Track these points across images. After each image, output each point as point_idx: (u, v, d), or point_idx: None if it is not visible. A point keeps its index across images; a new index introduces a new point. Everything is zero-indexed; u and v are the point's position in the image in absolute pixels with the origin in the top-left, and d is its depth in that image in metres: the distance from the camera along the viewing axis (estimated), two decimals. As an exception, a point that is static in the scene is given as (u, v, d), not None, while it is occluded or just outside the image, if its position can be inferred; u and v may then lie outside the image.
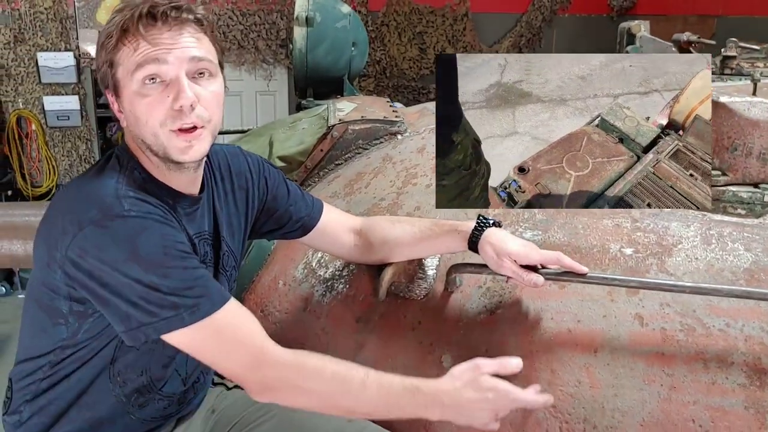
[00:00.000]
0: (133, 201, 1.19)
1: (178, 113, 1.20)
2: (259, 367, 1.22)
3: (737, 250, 1.45)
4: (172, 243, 1.18)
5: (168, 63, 1.19)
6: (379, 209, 1.83)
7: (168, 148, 1.23)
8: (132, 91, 1.20)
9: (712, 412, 1.29)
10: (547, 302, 1.46)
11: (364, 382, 1.23)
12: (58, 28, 6.12)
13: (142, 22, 1.17)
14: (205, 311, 1.18)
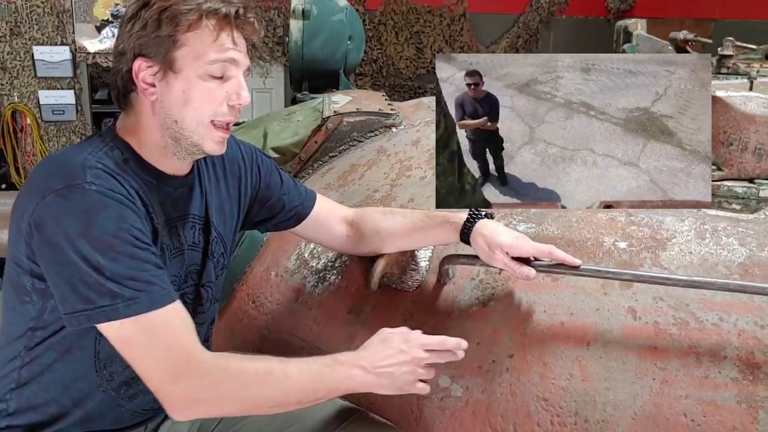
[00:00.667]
0: (98, 173, 1.17)
1: (230, 109, 1.25)
2: (183, 376, 1.18)
3: (731, 245, 1.45)
4: (128, 227, 1.16)
5: (238, 65, 1.24)
6: (373, 201, 1.82)
7: (204, 139, 1.26)
8: (198, 74, 1.22)
9: (704, 406, 1.28)
10: (539, 295, 1.45)
11: (285, 369, 1.22)
12: (54, 21, 6.10)
13: (238, 20, 1.22)
14: (142, 306, 1.15)
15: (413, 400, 1.46)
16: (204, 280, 1.41)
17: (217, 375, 1.20)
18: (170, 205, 1.32)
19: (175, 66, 1.21)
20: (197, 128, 1.24)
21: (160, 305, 1.17)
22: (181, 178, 1.34)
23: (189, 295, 1.40)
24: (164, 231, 1.30)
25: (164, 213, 1.30)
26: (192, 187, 1.38)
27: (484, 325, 1.46)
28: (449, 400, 1.43)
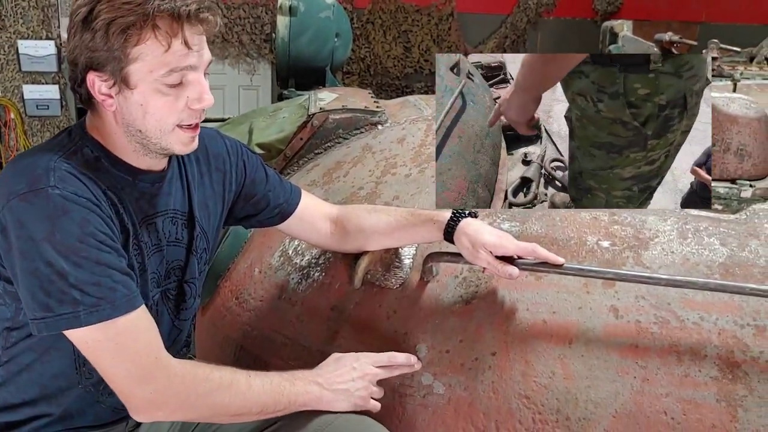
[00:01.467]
0: (63, 176, 1.15)
1: (194, 112, 1.22)
2: (150, 380, 1.18)
3: (713, 245, 1.46)
4: (92, 231, 1.14)
5: (197, 69, 1.20)
6: (358, 198, 1.82)
7: (173, 143, 1.24)
8: (152, 88, 1.17)
9: (684, 404, 1.29)
10: (522, 293, 1.46)
11: (248, 381, 1.26)
12: (39, 16, 6.05)
13: (187, 22, 1.15)
14: (104, 314, 1.14)
15: (396, 397, 1.46)
16: (187, 276, 1.41)
17: (183, 380, 1.21)
18: (147, 201, 1.30)
19: (130, 82, 1.17)
20: (162, 135, 1.21)
21: (123, 312, 1.16)
22: (157, 173, 1.32)
23: (172, 291, 1.39)
24: (140, 228, 1.29)
25: (140, 209, 1.29)
26: (172, 181, 1.36)
27: (467, 322, 1.46)
28: (432, 397, 1.43)
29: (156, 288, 1.35)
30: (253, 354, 1.70)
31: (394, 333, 1.51)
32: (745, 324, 1.34)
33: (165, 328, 1.39)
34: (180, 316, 1.42)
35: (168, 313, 1.40)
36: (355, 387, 1.35)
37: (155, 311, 1.36)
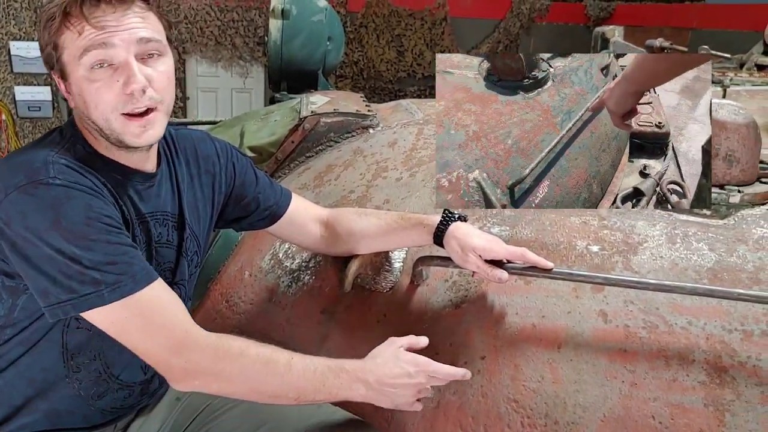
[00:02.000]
0: (61, 168, 1.15)
1: (129, 97, 1.17)
2: (183, 350, 1.18)
3: (701, 250, 1.46)
4: (97, 215, 1.14)
5: (115, 47, 1.15)
6: (349, 202, 1.82)
7: (122, 133, 1.20)
8: (80, 76, 1.17)
9: (672, 409, 1.30)
10: (512, 297, 1.46)
11: (289, 363, 1.22)
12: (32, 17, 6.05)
13: (85, 5, 1.13)
14: (127, 289, 1.14)
15: (385, 401, 1.46)
16: (177, 278, 1.40)
17: (216, 353, 1.19)
18: (140, 200, 1.30)
19: (66, 72, 1.19)
20: (109, 125, 1.20)
21: (145, 284, 1.16)
22: (147, 173, 1.32)
23: None
24: (136, 226, 1.29)
25: (135, 208, 1.29)
26: (162, 183, 1.36)
27: (456, 326, 1.46)
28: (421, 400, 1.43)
29: None
30: (242, 357, 1.70)
31: (384, 336, 1.50)
32: (733, 329, 1.34)
33: None
34: None
35: None
36: (403, 393, 1.28)
37: None
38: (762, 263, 1.42)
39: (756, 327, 1.34)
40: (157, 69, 1.20)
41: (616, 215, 1.57)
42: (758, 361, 1.30)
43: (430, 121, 2.14)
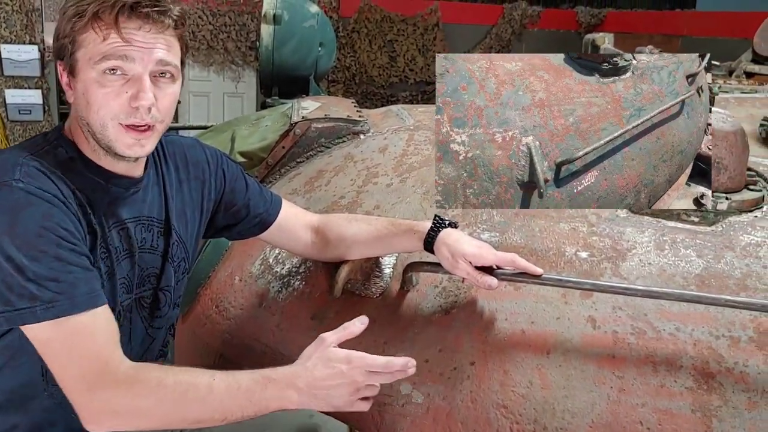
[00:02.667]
0: (29, 171, 1.15)
1: (134, 110, 1.19)
2: (99, 386, 1.14)
3: (689, 257, 1.47)
4: (53, 226, 1.13)
5: (134, 61, 1.17)
6: (339, 207, 1.83)
7: (114, 141, 1.21)
8: (90, 77, 1.18)
9: (660, 414, 1.30)
10: (501, 303, 1.47)
11: (210, 384, 1.17)
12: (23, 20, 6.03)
13: (121, 14, 1.15)
14: (60, 310, 1.12)
15: (374, 406, 1.45)
16: (162, 284, 1.40)
17: (134, 388, 1.15)
18: (121, 206, 1.30)
19: (76, 69, 1.19)
20: (104, 130, 1.20)
21: (81, 309, 1.14)
22: (133, 179, 1.31)
23: (146, 298, 1.39)
24: (112, 232, 1.28)
25: (112, 214, 1.28)
26: (148, 188, 1.35)
27: (446, 332, 1.47)
28: (410, 406, 1.43)
29: (126, 294, 1.34)
30: (233, 362, 1.69)
31: (374, 342, 1.51)
32: (720, 335, 1.35)
33: (138, 336, 1.38)
34: (154, 324, 1.41)
35: (141, 320, 1.39)
36: (339, 393, 1.22)
37: (127, 318, 1.35)
38: (749, 270, 1.43)
39: (743, 333, 1.35)
40: (165, 91, 1.22)
41: (605, 222, 1.58)
42: (745, 367, 1.31)
43: (421, 127, 2.15)
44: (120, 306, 1.32)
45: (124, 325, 1.34)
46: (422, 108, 2.47)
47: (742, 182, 1.63)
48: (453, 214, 1.66)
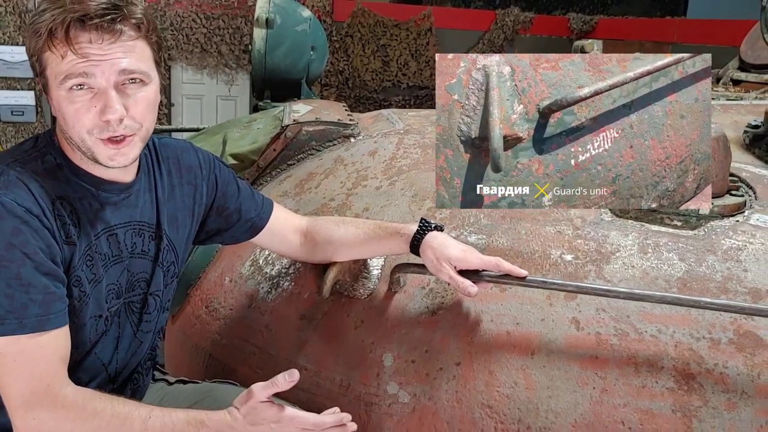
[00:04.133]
0: (8, 181, 1.15)
1: (106, 124, 1.17)
2: (37, 407, 1.15)
3: (672, 260, 1.50)
4: (21, 243, 1.13)
5: (95, 76, 1.15)
6: (329, 209, 1.84)
7: (96, 154, 1.20)
8: (60, 95, 1.17)
9: (641, 414, 1.33)
10: (487, 305, 1.49)
11: (145, 421, 1.19)
12: (16, 21, 6.04)
13: (71, 31, 1.12)
14: (8, 328, 1.13)
15: (361, 405, 1.48)
16: (152, 289, 1.41)
17: (70, 413, 1.17)
18: (110, 211, 1.30)
19: (47, 87, 1.19)
20: (83, 143, 1.19)
21: (29, 331, 1.14)
22: (123, 184, 1.31)
23: (136, 303, 1.40)
24: (101, 239, 1.28)
25: (101, 220, 1.28)
26: (139, 193, 1.36)
27: (432, 333, 1.49)
28: (397, 406, 1.45)
29: (116, 299, 1.34)
30: (222, 363, 1.71)
31: (362, 342, 1.53)
32: (701, 337, 1.38)
33: (126, 340, 1.39)
34: (142, 328, 1.42)
35: (130, 325, 1.40)
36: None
37: (115, 323, 1.36)
38: (730, 273, 1.46)
39: (723, 335, 1.37)
40: (136, 97, 1.19)
41: (590, 225, 1.60)
42: (725, 369, 1.34)
43: (411, 131, 2.18)
44: (108, 312, 1.33)
45: (113, 329, 1.35)
46: (413, 112, 2.49)
47: (724, 187, 1.65)
48: (440, 217, 1.68)
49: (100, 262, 1.29)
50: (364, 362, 1.51)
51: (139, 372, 1.47)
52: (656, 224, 1.60)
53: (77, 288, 1.25)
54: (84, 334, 1.29)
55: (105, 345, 1.35)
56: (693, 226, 1.58)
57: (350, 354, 1.53)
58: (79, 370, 1.31)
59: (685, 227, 1.58)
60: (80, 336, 1.28)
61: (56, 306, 1.18)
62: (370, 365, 1.50)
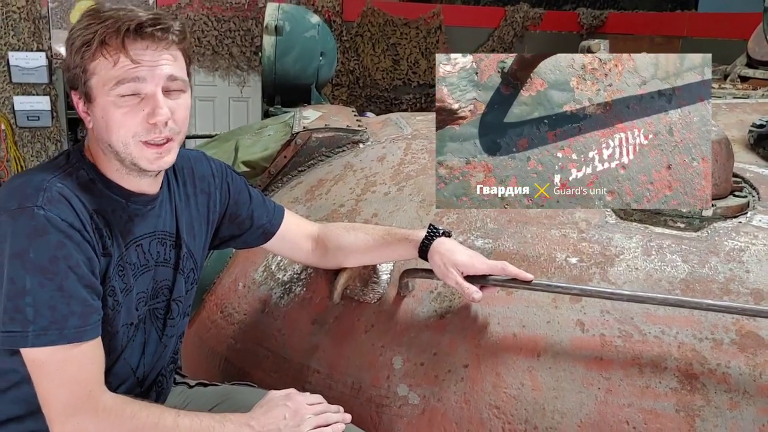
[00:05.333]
0: (52, 197, 1.21)
1: (152, 127, 1.25)
2: (79, 413, 1.21)
3: (675, 262, 1.53)
4: (65, 255, 1.19)
5: (146, 81, 1.23)
6: (338, 215, 1.88)
7: (137, 158, 1.26)
8: (107, 101, 1.23)
9: (645, 414, 1.36)
10: (494, 307, 1.52)
11: (175, 421, 1.26)
12: (30, 27, 6.11)
13: (128, 38, 1.21)
14: (50, 340, 1.19)
15: (372, 407, 1.52)
16: (175, 295, 1.46)
17: (108, 417, 1.22)
18: (139, 222, 1.36)
19: (91, 95, 1.25)
20: (126, 149, 1.26)
21: (69, 341, 1.20)
22: (150, 196, 1.37)
23: (160, 310, 1.45)
24: (130, 249, 1.34)
25: (130, 231, 1.34)
26: (163, 204, 1.41)
27: (440, 336, 1.52)
28: (407, 407, 1.49)
29: (144, 306, 1.40)
30: (237, 366, 1.76)
31: (372, 346, 1.57)
32: (704, 338, 1.40)
33: (152, 345, 1.45)
34: (166, 333, 1.47)
35: (156, 330, 1.45)
36: (287, 425, 1.34)
37: (142, 329, 1.41)
38: (732, 274, 1.49)
39: (725, 336, 1.40)
40: (178, 102, 1.28)
41: (595, 228, 1.63)
42: (727, 369, 1.36)
43: (418, 135, 2.21)
44: (136, 319, 1.39)
45: (139, 335, 1.41)
46: (420, 116, 2.52)
47: (727, 189, 1.67)
48: (448, 222, 1.72)
49: (130, 271, 1.35)
50: (375, 365, 1.55)
51: (163, 375, 1.53)
52: (660, 226, 1.62)
53: (111, 297, 1.31)
54: (116, 341, 1.35)
55: (133, 350, 1.41)
56: (696, 228, 1.61)
57: (361, 357, 1.57)
58: (110, 376, 1.36)
59: (689, 229, 1.61)
60: (113, 343, 1.34)
61: (93, 318, 1.24)
62: (381, 368, 1.54)
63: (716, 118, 2.38)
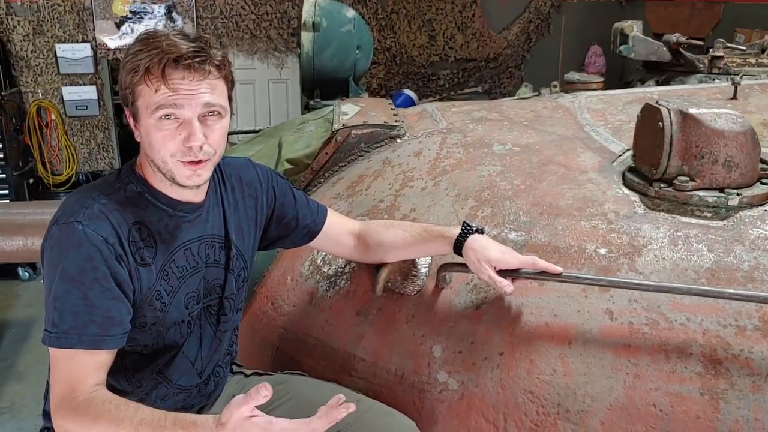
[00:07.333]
0: (92, 213, 1.35)
1: (188, 150, 1.36)
2: (64, 411, 1.31)
3: (701, 251, 1.59)
4: (94, 267, 1.32)
5: (184, 108, 1.34)
6: (378, 210, 1.98)
7: (175, 174, 1.39)
8: (149, 123, 1.35)
9: (672, 398, 1.44)
10: (527, 298, 1.61)
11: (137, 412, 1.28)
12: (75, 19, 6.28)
13: (166, 69, 1.32)
14: (67, 343, 1.32)
15: (415, 393, 1.63)
16: (227, 293, 1.58)
17: (88, 412, 1.29)
18: (186, 229, 1.48)
19: (138, 116, 1.38)
20: (166, 166, 1.38)
21: (85, 347, 1.33)
22: (195, 204, 1.49)
23: (213, 307, 1.58)
24: (178, 253, 1.47)
25: (177, 238, 1.46)
26: (210, 210, 1.53)
27: (477, 325, 1.62)
28: (447, 393, 1.60)
29: (196, 305, 1.53)
30: (288, 355, 1.88)
31: (413, 335, 1.68)
32: (728, 324, 1.48)
33: (207, 339, 1.58)
34: (220, 328, 1.60)
35: (210, 326, 1.58)
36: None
37: (197, 325, 1.54)
38: (756, 262, 1.55)
39: (749, 322, 1.47)
40: (214, 128, 1.39)
41: (624, 219, 1.70)
42: (750, 354, 1.44)
43: (453, 129, 2.28)
44: (189, 317, 1.51)
45: (195, 331, 1.54)
46: (455, 108, 2.59)
47: (754, 177, 1.71)
48: (483, 216, 1.80)
49: (177, 274, 1.47)
50: (416, 353, 1.65)
51: (220, 366, 1.66)
52: (687, 216, 1.68)
53: (158, 300, 1.44)
54: (170, 337, 1.49)
55: (190, 345, 1.54)
56: (722, 217, 1.66)
57: (403, 346, 1.68)
58: (171, 368, 1.51)
59: (715, 218, 1.66)
60: (167, 340, 1.48)
61: (113, 330, 1.36)
62: (422, 356, 1.64)
63: (749, 100, 2.40)
